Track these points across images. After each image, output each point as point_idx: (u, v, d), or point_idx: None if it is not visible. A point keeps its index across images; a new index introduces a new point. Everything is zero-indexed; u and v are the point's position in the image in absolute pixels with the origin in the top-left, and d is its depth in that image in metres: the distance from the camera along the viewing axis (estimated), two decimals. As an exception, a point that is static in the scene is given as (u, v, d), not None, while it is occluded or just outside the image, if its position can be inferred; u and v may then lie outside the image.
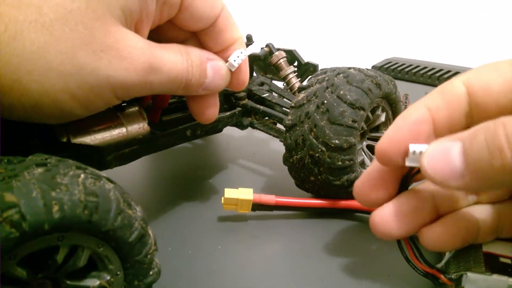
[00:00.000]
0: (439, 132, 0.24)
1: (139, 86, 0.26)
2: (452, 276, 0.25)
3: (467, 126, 0.24)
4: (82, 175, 0.21)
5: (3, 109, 0.23)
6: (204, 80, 0.30)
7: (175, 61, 0.27)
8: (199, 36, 0.31)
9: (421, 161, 0.23)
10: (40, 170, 0.20)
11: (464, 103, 0.24)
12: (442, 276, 0.26)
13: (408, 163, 0.24)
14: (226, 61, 0.31)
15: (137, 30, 0.26)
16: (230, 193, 0.36)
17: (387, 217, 0.26)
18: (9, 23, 0.21)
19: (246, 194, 0.36)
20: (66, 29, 0.22)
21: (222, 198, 0.36)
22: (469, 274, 0.24)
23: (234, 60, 0.31)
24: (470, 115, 0.24)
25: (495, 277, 0.24)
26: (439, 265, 0.27)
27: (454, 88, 0.24)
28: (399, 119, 0.25)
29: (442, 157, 0.22)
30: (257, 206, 0.36)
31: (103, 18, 0.23)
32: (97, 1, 0.23)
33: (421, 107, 0.25)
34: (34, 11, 0.22)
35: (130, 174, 0.47)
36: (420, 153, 0.23)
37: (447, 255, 0.28)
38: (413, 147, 0.23)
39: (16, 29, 0.22)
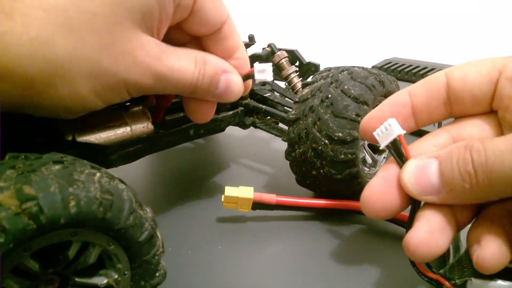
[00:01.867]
0: (417, 115, 0.27)
1: (150, 88, 0.27)
2: (457, 282, 0.25)
3: (447, 114, 0.27)
4: (98, 174, 0.21)
5: (33, 109, 0.24)
6: (214, 90, 0.30)
7: (185, 70, 0.28)
8: (202, 41, 0.31)
9: (400, 176, 0.24)
10: (57, 167, 0.20)
11: (443, 92, 0.26)
12: (446, 283, 0.25)
13: (382, 145, 0.25)
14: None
15: (155, 33, 0.27)
16: (230, 191, 0.36)
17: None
18: (40, 28, 0.21)
19: (246, 192, 0.36)
20: (91, 33, 0.23)
21: (222, 196, 0.36)
22: (474, 280, 0.25)
23: (258, 72, 0.31)
24: (449, 103, 0.26)
25: (500, 282, 0.24)
26: (442, 271, 0.27)
27: (437, 78, 0.27)
28: (384, 101, 0.28)
29: (420, 173, 0.24)
30: (257, 205, 0.36)
31: (125, 23, 0.24)
32: (119, 5, 0.24)
33: (404, 93, 0.27)
34: (60, 14, 0.22)
35: (132, 173, 0.47)
36: (386, 128, 0.25)
37: (451, 260, 0.28)
38: (376, 132, 0.25)
39: (47, 34, 0.22)
